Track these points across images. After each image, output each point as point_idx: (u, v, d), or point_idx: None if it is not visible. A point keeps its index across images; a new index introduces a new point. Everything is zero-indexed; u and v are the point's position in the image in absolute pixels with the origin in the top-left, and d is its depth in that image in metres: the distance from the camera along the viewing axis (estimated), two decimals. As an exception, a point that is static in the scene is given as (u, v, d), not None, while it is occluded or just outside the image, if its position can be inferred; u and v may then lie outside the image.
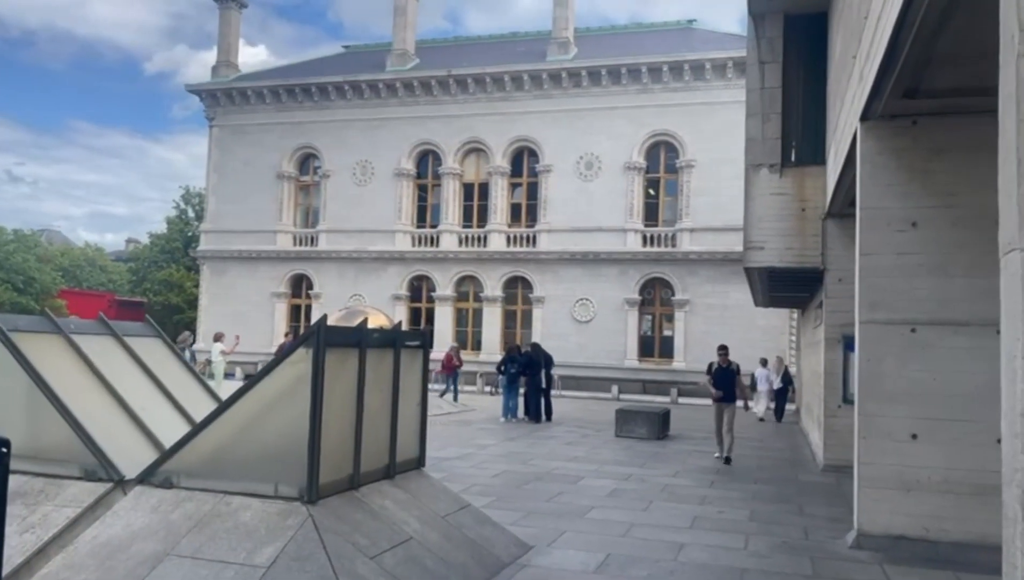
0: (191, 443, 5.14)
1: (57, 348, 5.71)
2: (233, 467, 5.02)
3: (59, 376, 5.41)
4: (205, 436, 5.13)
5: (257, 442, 5.11)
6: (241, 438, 5.12)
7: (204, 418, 5.24)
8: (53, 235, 74.57)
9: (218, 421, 5.10)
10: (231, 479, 4.95)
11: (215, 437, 5.11)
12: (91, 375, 5.72)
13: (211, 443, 5.13)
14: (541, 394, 16.17)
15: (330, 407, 5.01)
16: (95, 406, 5.54)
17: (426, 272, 32.96)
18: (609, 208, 30.65)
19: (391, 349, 5.81)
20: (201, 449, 5.12)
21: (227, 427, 5.09)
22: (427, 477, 6.15)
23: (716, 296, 29.32)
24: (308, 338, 4.91)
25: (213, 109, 35.49)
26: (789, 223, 10.70)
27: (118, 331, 6.35)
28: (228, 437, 5.13)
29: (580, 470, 9.70)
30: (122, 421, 5.62)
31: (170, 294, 43.64)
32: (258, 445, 5.10)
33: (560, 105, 31.50)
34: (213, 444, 5.13)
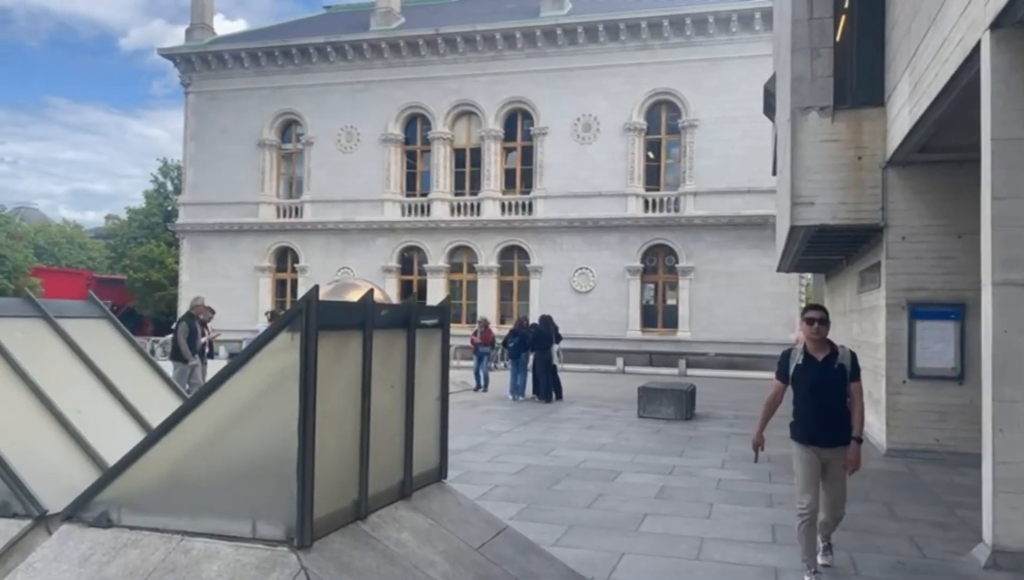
0: (137, 463, 3.79)
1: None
2: (195, 497, 3.67)
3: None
4: (156, 454, 3.77)
5: (227, 462, 3.74)
6: (205, 456, 3.75)
7: (155, 429, 3.87)
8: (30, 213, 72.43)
9: (173, 433, 3.75)
10: (192, 514, 3.62)
11: (170, 455, 3.75)
12: (5, 369, 4.32)
13: (164, 464, 3.77)
14: (552, 371, 14.88)
15: (326, 411, 3.66)
16: (8, 411, 4.16)
17: (417, 243, 31.50)
18: (608, 172, 29.23)
19: (404, 330, 4.45)
20: (151, 472, 3.77)
21: (186, 441, 3.74)
22: (451, 492, 4.83)
23: (722, 262, 28.09)
24: (293, 319, 3.54)
25: (188, 75, 33.62)
26: (843, 174, 9.36)
27: (49, 311, 4.94)
28: (187, 455, 3.77)
29: (613, 462, 8.43)
30: (48, 431, 4.24)
31: (150, 270, 41.96)
32: (229, 466, 3.73)
33: (555, 64, 29.90)
34: (167, 465, 3.77)
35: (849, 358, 4.80)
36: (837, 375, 4.72)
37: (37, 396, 4.32)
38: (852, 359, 4.81)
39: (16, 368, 4.34)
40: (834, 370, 4.72)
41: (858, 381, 4.78)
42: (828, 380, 4.72)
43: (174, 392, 5.21)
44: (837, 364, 4.73)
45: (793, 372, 4.80)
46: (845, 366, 4.75)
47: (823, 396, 4.72)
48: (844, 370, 4.74)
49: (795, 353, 4.86)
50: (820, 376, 4.72)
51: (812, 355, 4.78)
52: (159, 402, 4.95)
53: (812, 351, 4.79)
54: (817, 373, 4.73)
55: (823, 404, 4.73)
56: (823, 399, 4.73)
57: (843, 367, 4.74)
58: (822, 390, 4.71)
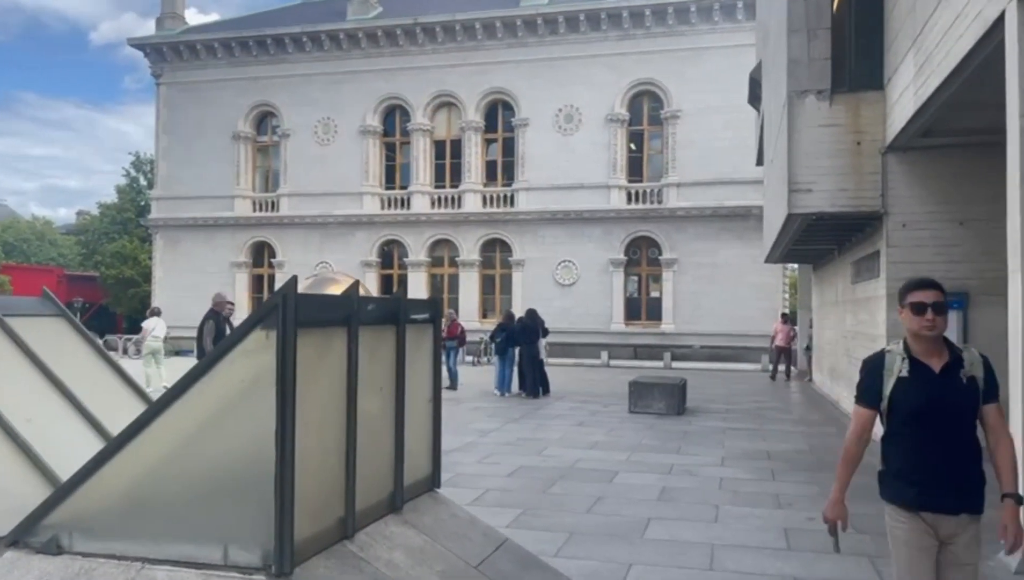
0: (91, 480, 3.36)
1: None
2: (157, 519, 3.25)
3: None
4: (113, 470, 3.34)
5: (194, 478, 3.31)
6: (169, 472, 3.32)
7: (111, 441, 3.44)
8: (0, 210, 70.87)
9: (133, 446, 3.32)
10: (154, 539, 3.20)
11: (129, 471, 3.32)
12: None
13: (122, 480, 3.35)
14: (539, 366, 14.50)
15: (307, 418, 3.25)
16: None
17: (397, 236, 30.98)
18: (591, 163, 28.89)
19: (392, 326, 4.03)
20: (107, 490, 3.35)
21: (147, 455, 3.31)
22: (445, 502, 4.42)
23: (705, 254, 27.86)
24: (268, 314, 3.12)
25: (160, 66, 32.79)
26: (842, 160, 9.04)
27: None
28: (149, 471, 3.34)
29: (609, 461, 8.07)
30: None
31: (123, 267, 41.00)
32: (196, 483, 3.30)
33: (536, 54, 29.48)
34: (126, 482, 3.35)
35: (980, 365, 2.97)
36: (966, 394, 2.92)
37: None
38: (985, 367, 2.98)
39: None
40: (961, 386, 2.92)
41: (996, 402, 2.98)
42: (953, 403, 2.92)
43: (139, 398, 4.76)
44: (965, 376, 2.92)
45: (892, 390, 2.95)
46: (976, 379, 2.94)
47: (945, 429, 2.91)
48: (975, 386, 2.94)
49: (891, 359, 2.98)
50: (939, 396, 2.90)
51: (923, 362, 2.93)
52: (122, 409, 4.49)
53: (921, 355, 2.94)
54: (934, 391, 2.90)
55: (946, 442, 2.91)
56: (945, 434, 2.91)
57: (974, 381, 2.93)
58: (942, 419, 2.91)
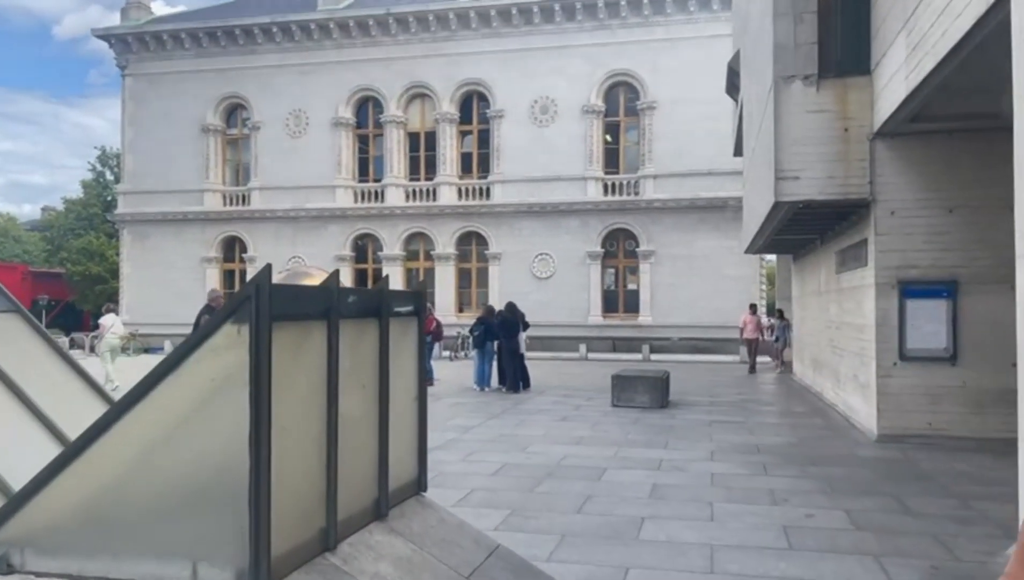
0: (45, 491, 3.06)
1: None
2: (118, 534, 2.95)
3: None
4: (68, 479, 3.04)
5: (159, 488, 3.00)
6: (131, 482, 3.02)
7: (67, 448, 3.12)
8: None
9: (90, 453, 3.01)
10: (114, 555, 2.91)
11: (86, 481, 3.02)
12: None
13: (79, 491, 3.04)
14: (519, 360, 14.25)
15: (284, 420, 2.97)
16: None
17: (371, 230, 30.55)
18: (567, 155, 28.66)
19: (375, 319, 3.75)
20: (62, 502, 3.05)
21: (106, 463, 3.01)
22: (432, 507, 4.15)
23: (682, 246, 27.79)
24: (240, 307, 2.81)
25: (125, 57, 31.97)
26: (829, 147, 8.87)
27: (-60, 306, 4.12)
28: (108, 481, 3.04)
29: (595, 458, 7.83)
30: (-66, 453, 3.45)
31: (90, 264, 40.07)
32: (161, 493, 3.00)
33: (511, 44, 29.16)
34: (82, 493, 3.04)
35: None
36: None
37: (-79, 409, 3.52)
38: None
39: None
40: None
41: None
42: None
43: (101, 399, 4.43)
44: None
45: None
46: None
47: None
48: None
49: None
50: None
51: None
52: (81, 412, 4.16)
53: None
54: None
55: None
56: None
57: None
58: None
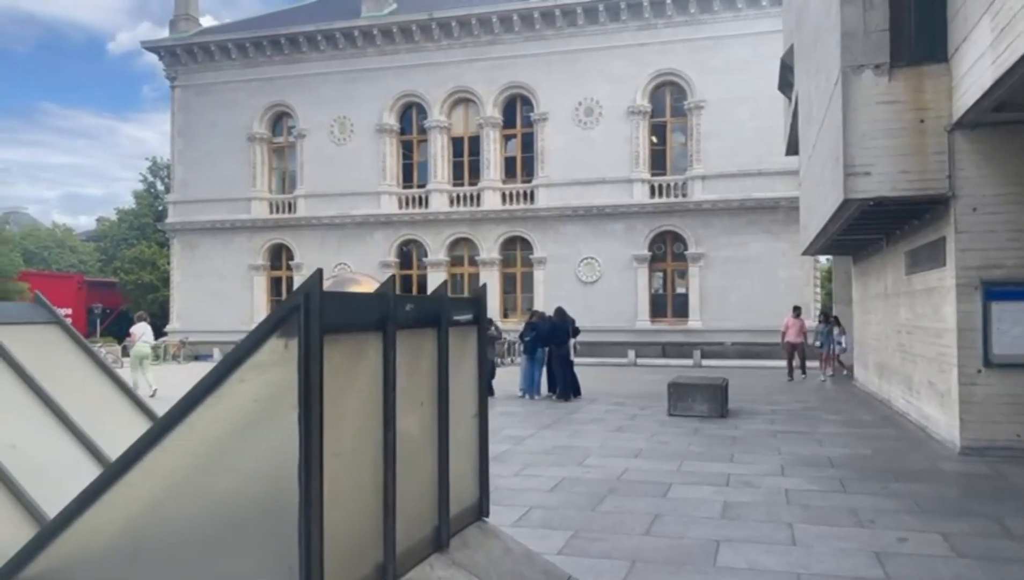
0: (80, 520, 2.80)
1: None
2: (157, 567, 2.67)
3: None
4: (105, 509, 2.77)
5: (201, 517, 2.71)
6: (171, 511, 2.73)
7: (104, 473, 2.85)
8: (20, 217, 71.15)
9: (127, 480, 2.74)
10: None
11: (123, 511, 2.74)
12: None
13: (116, 520, 2.77)
14: (569, 367, 13.86)
15: (337, 444, 2.66)
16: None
17: (416, 236, 30.47)
18: (612, 158, 28.22)
19: (434, 329, 3.42)
20: (98, 532, 2.78)
21: (143, 491, 2.72)
22: (496, 534, 3.82)
23: (733, 248, 27.11)
24: (287, 318, 2.51)
25: (174, 68, 32.48)
26: (903, 140, 8.34)
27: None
28: (146, 509, 2.75)
29: (658, 472, 7.43)
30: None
31: (142, 272, 40.85)
32: (203, 524, 2.71)
33: (554, 47, 28.84)
34: (120, 522, 2.76)
35: None
36: None
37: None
38: None
39: (-75, 393, 3.32)
40: None
41: None
42: None
43: (143, 415, 4.18)
44: None
45: None
46: None
47: None
48: None
49: None
50: None
51: None
52: (122, 430, 3.91)
53: None
54: None
55: None
56: None
57: None
58: None
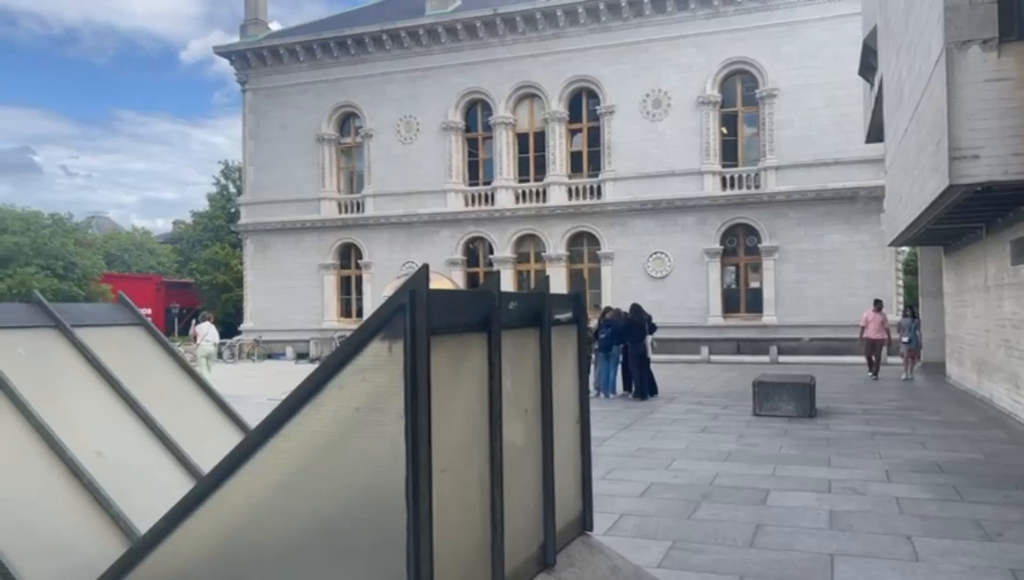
0: (173, 536, 2.64)
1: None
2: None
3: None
4: (199, 523, 2.59)
5: (299, 535, 2.51)
6: (266, 528, 2.53)
7: (195, 489, 2.69)
8: (102, 222, 74.13)
9: (221, 493, 2.56)
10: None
11: (216, 528, 2.57)
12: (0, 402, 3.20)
13: (210, 536, 2.60)
14: (646, 365, 13.48)
15: (445, 458, 2.41)
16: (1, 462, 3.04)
17: (482, 233, 30.35)
18: (682, 149, 27.56)
19: (536, 329, 3.16)
20: (191, 549, 2.61)
21: (237, 508, 2.54)
22: (601, 550, 3.55)
23: (809, 240, 26.15)
24: (391, 319, 2.27)
25: (244, 72, 33.12)
26: (1015, 120, 7.72)
27: (64, 319, 3.81)
28: (241, 524, 2.56)
29: (752, 477, 7.04)
30: (54, 483, 3.10)
31: (216, 273, 41.98)
32: (300, 541, 2.50)
33: (621, 38, 28.30)
34: (214, 538, 2.59)
35: None
36: None
37: (41, 435, 3.18)
38: None
39: (13, 398, 3.21)
40: None
41: None
42: None
43: (229, 420, 4.04)
44: None
45: None
46: None
47: None
48: None
49: None
50: None
51: None
52: (209, 436, 3.78)
53: None
54: None
55: None
56: None
57: None
58: None
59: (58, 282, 35.04)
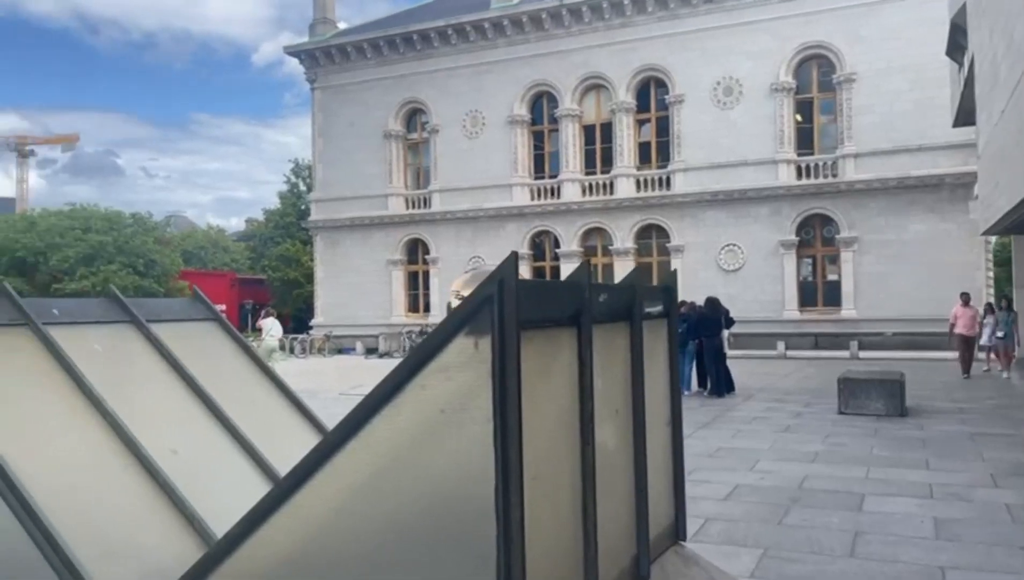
0: (250, 541, 2.51)
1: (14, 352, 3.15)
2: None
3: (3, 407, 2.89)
4: (276, 528, 2.46)
5: (379, 546, 2.35)
6: (341, 538, 2.38)
7: (272, 492, 2.56)
8: (180, 220, 76.79)
9: (299, 497, 2.43)
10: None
11: (295, 532, 2.43)
12: (76, 397, 3.13)
13: (287, 541, 2.46)
14: (722, 361, 13.06)
15: (537, 465, 2.20)
16: (71, 455, 2.96)
17: (548, 227, 30.13)
18: (755, 138, 26.77)
19: (626, 323, 2.93)
20: (268, 554, 2.47)
21: (315, 510, 2.40)
22: (696, 562, 3.31)
23: (891, 230, 25.07)
24: (478, 312, 2.07)
25: (313, 71, 33.63)
26: None
27: (140, 314, 3.75)
28: (319, 530, 2.42)
29: (845, 480, 6.64)
30: (127, 482, 3.02)
31: (288, 269, 42.82)
32: (381, 552, 2.34)
33: (689, 26, 27.66)
34: (291, 544, 2.45)
35: None
36: None
37: (115, 431, 3.09)
38: None
39: (88, 393, 3.14)
40: None
41: None
42: None
43: (306, 420, 3.92)
44: None
45: None
46: None
47: None
48: None
49: None
50: None
51: None
52: (285, 436, 3.67)
53: None
54: None
55: None
56: None
57: None
58: None
59: (139, 279, 36.30)
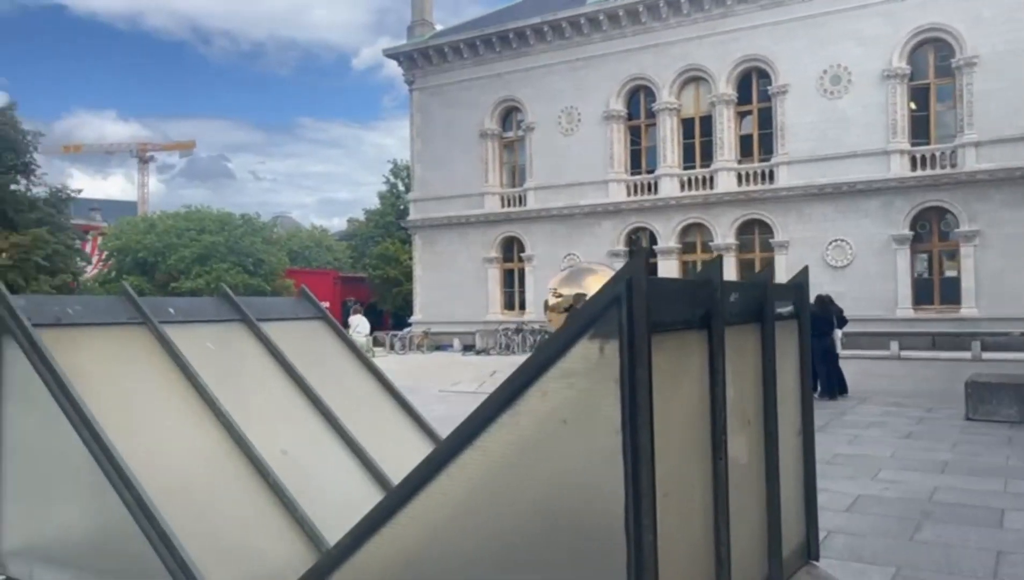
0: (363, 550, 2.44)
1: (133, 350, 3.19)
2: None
3: (123, 403, 2.91)
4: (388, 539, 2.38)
5: (495, 563, 2.21)
6: (456, 552, 2.26)
7: (388, 498, 2.48)
8: (285, 221, 79.77)
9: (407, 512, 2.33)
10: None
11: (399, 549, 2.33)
12: (190, 396, 3.14)
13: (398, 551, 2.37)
14: (834, 362, 12.43)
15: (667, 479, 2.00)
16: (183, 457, 2.97)
17: (645, 223, 29.62)
18: (864, 128, 25.50)
19: (756, 325, 2.70)
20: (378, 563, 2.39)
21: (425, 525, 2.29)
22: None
23: (1017, 223, 23.45)
24: (604, 313, 1.90)
25: (412, 72, 34.18)
26: None
27: (250, 313, 3.76)
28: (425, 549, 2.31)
29: (979, 492, 6.13)
30: (239, 485, 3.00)
31: (387, 268, 43.73)
32: (498, 570, 2.20)
33: (794, 12, 26.60)
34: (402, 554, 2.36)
35: None
36: None
37: (228, 430, 3.08)
38: None
39: (202, 392, 3.14)
40: None
41: None
42: None
43: (414, 422, 3.85)
44: None
45: None
46: None
47: None
48: None
49: None
50: None
51: None
52: (393, 438, 3.61)
53: None
54: None
55: None
56: None
57: None
58: None
59: (248, 277, 37.85)
